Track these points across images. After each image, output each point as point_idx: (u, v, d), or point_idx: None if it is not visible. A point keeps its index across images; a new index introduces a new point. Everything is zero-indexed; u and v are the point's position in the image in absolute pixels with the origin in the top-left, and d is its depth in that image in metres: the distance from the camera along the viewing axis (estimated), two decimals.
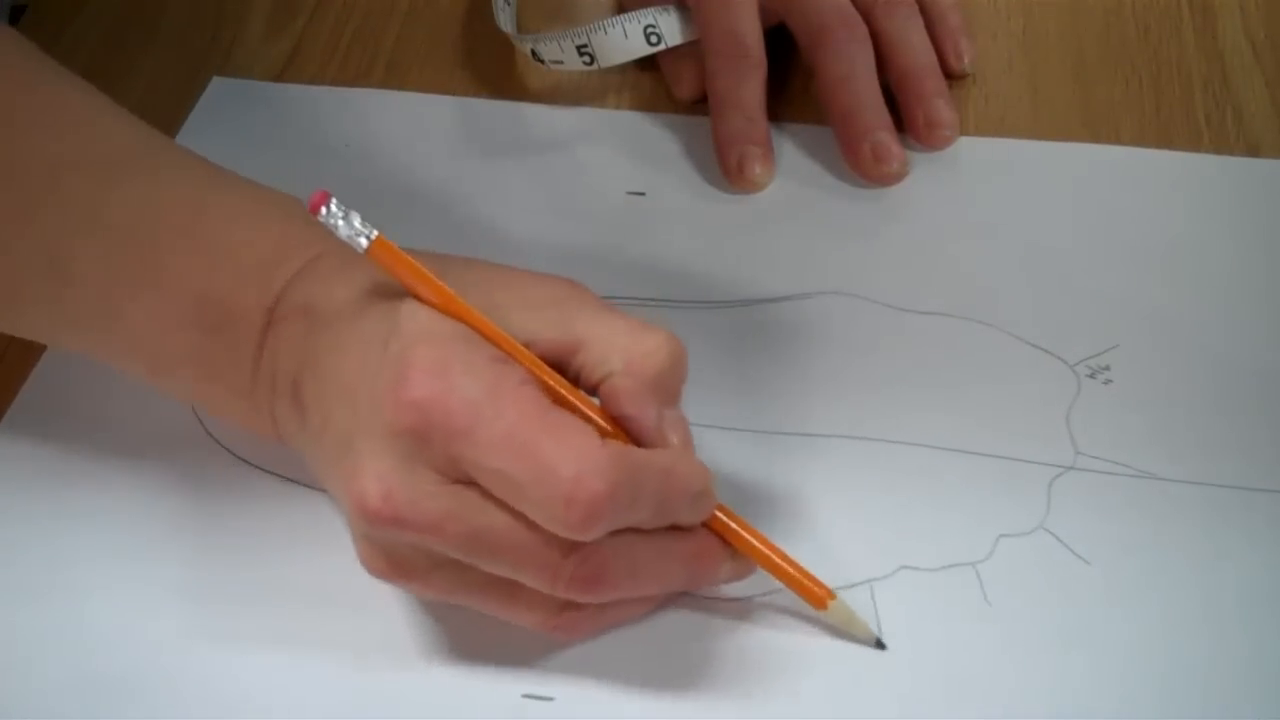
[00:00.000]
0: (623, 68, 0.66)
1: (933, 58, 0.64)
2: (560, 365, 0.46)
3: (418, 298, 0.45)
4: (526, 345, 0.45)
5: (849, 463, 0.53)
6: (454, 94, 0.68)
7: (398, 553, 0.45)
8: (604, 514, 0.42)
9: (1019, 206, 0.61)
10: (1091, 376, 0.55)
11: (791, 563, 0.47)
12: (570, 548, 0.44)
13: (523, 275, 0.48)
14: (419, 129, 0.66)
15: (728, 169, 0.63)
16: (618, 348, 0.45)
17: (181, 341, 0.49)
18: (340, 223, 0.44)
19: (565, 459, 0.42)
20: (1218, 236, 0.60)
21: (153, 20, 0.72)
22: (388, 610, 0.49)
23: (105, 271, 0.49)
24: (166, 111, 0.67)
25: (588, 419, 0.45)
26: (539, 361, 0.45)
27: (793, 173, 0.63)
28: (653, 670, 0.48)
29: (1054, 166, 0.63)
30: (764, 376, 0.56)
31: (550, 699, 0.47)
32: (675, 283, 0.59)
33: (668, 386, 0.46)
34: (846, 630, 0.48)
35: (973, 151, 0.64)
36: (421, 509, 0.43)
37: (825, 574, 0.49)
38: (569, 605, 0.46)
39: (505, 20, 0.68)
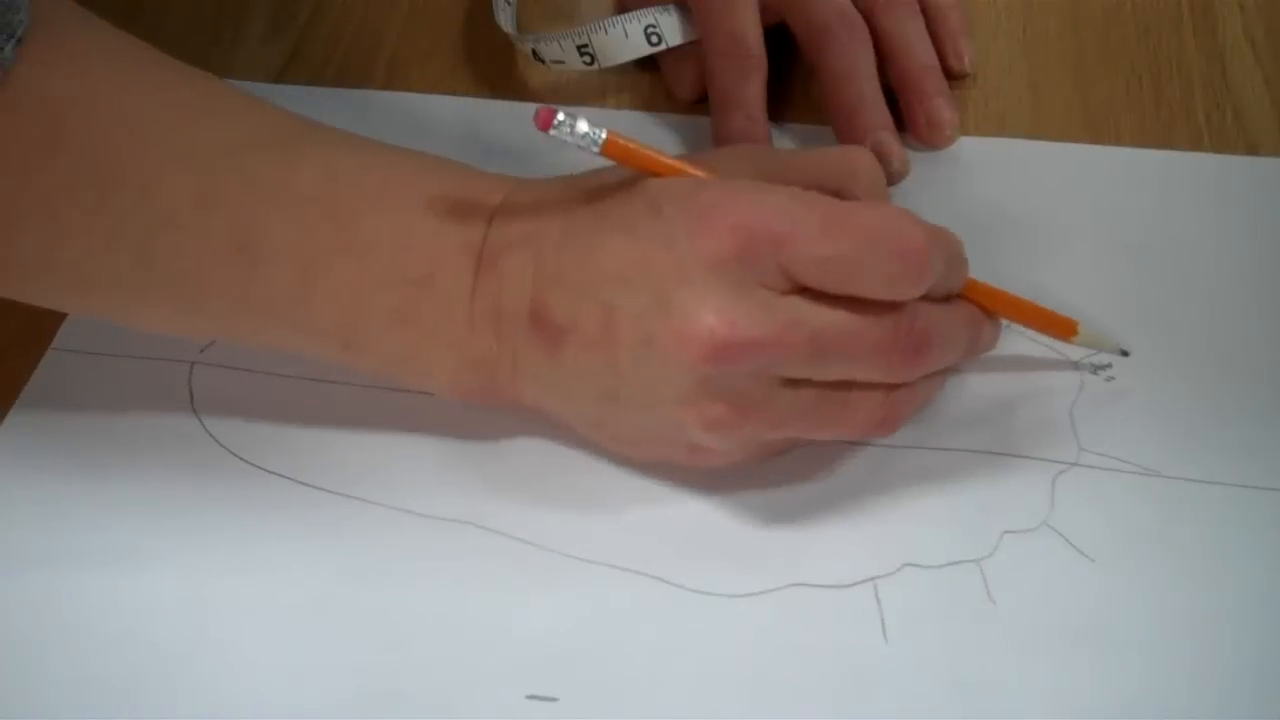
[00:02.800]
0: (623, 67, 0.66)
1: (933, 57, 0.64)
2: None
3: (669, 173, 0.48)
4: None
5: (851, 461, 0.53)
6: (454, 94, 0.68)
7: (736, 390, 0.47)
8: (929, 262, 0.47)
9: (1020, 206, 0.61)
10: (1094, 374, 0.55)
11: (1035, 306, 0.53)
12: (896, 325, 0.47)
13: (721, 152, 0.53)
14: (419, 129, 0.66)
15: None
16: (837, 164, 0.51)
17: (384, 302, 0.49)
18: (573, 129, 0.46)
19: (884, 223, 0.46)
20: (1218, 235, 0.60)
21: (153, 20, 0.72)
22: (390, 610, 0.49)
23: (298, 243, 0.49)
24: None
25: None
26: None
27: None
28: (656, 670, 0.48)
29: (1054, 166, 0.63)
30: None
31: (554, 699, 0.47)
32: None
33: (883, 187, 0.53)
34: (1098, 347, 0.55)
35: (973, 151, 0.64)
36: (766, 326, 0.46)
37: (829, 572, 0.50)
38: (891, 394, 0.49)
39: (505, 20, 0.68)
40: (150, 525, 0.52)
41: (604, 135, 0.47)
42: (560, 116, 0.46)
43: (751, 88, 0.63)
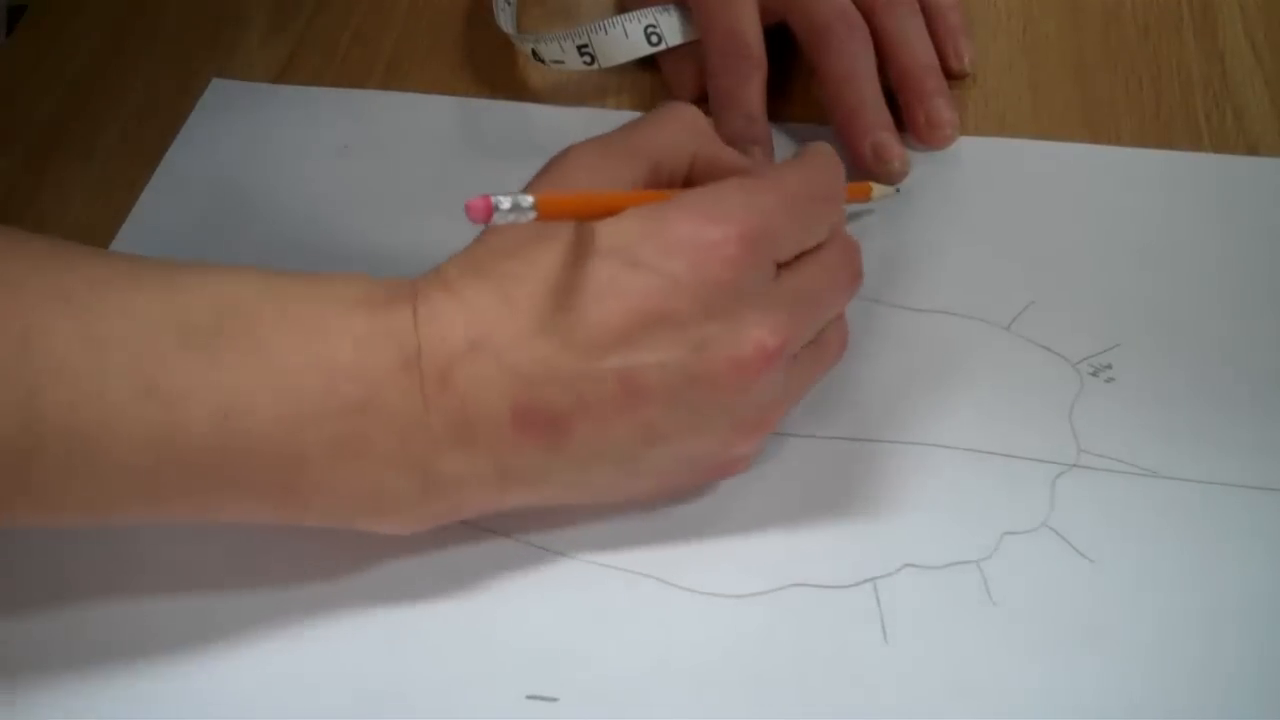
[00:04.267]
0: (623, 67, 0.66)
1: (933, 57, 0.64)
2: None
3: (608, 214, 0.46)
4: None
5: (851, 461, 0.53)
6: (454, 94, 0.68)
7: (764, 399, 0.48)
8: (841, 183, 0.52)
9: (1020, 206, 0.61)
10: (1094, 375, 0.55)
11: None
12: (839, 245, 0.50)
13: (641, 130, 0.51)
14: (419, 129, 0.66)
15: None
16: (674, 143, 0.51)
17: (322, 435, 0.44)
18: (508, 211, 0.42)
19: (813, 179, 0.49)
20: (1218, 235, 0.60)
21: (153, 20, 0.72)
22: (389, 611, 0.49)
23: (211, 382, 0.43)
24: (166, 111, 0.67)
25: None
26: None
27: None
28: (656, 671, 0.48)
29: (1055, 166, 0.63)
30: None
31: (554, 699, 0.47)
32: None
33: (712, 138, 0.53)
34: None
35: (973, 151, 0.64)
36: (793, 316, 0.47)
37: (829, 573, 0.50)
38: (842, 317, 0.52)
39: (505, 20, 0.68)
40: (149, 527, 0.52)
41: (531, 201, 0.42)
42: (503, 205, 0.42)
43: (751, 88, 0.63)
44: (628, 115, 0.66)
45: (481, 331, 0.45)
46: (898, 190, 0.61)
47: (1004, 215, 0.61)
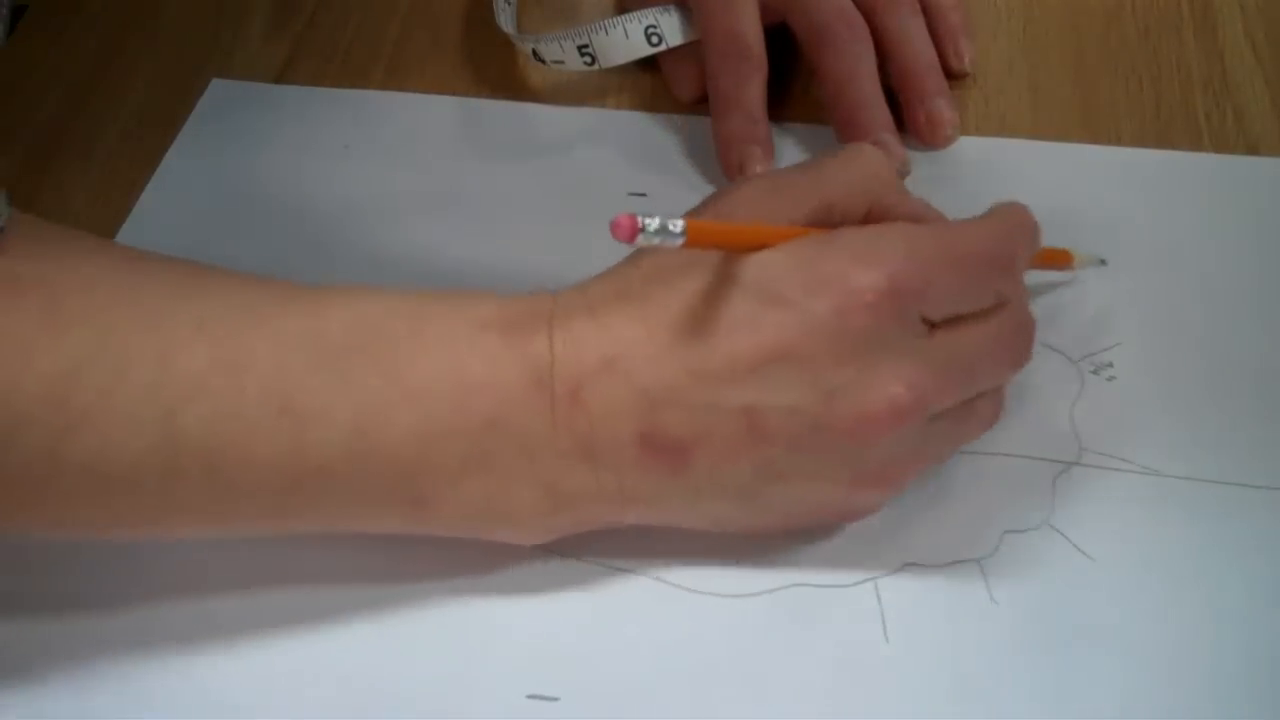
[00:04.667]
0: (623, 67, 0.66)
1: (934, 57, 0.64)
2: None
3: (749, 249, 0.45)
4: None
5: None
6: (455, 94, 0.68)
7: (901, 446, 0.46)
8: (1021, 255, 0.49)
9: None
10: (1095, 373, 0.55)
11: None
12: (1007, 320, 0.48)
13: (830, 165, 0.50)
14: (418, 129, 0.66)
15: (729, 169, 0.63)
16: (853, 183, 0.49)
17: (453, 450, 0.45)
18: (655, 236, 0.41)
19: (987, 241, 0.48)
20: (1218, 234, 0.60)
21: (153, 20, 0.72)
22: (390, 610, 0.49)
23: (346, 399, 0.44)
24: (166, 111, 0.67)
25: None
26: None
27: None
28: (658, 669, 0.48)
29: (1055, 166, 0.63)
30: None
31: (555, 699, 0.47)
32: None
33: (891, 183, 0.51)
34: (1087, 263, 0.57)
35: (974, 151, 0.64)
36: (936, 376, 0.45)
37: (829, 572, 0.50)
38: (1000, 391, 0.50)
39: (505, 20, 0.68)
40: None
41: (682, 226, 0.41)
42: (650, 224, 0.41)
43: (752, 88, 0.63)
44: (628, 115, 0.66)
45: (617, 352, 0.45)
46: (1103, 262, 0.58)
47: None
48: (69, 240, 0.47)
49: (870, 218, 0.48)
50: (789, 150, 0.64)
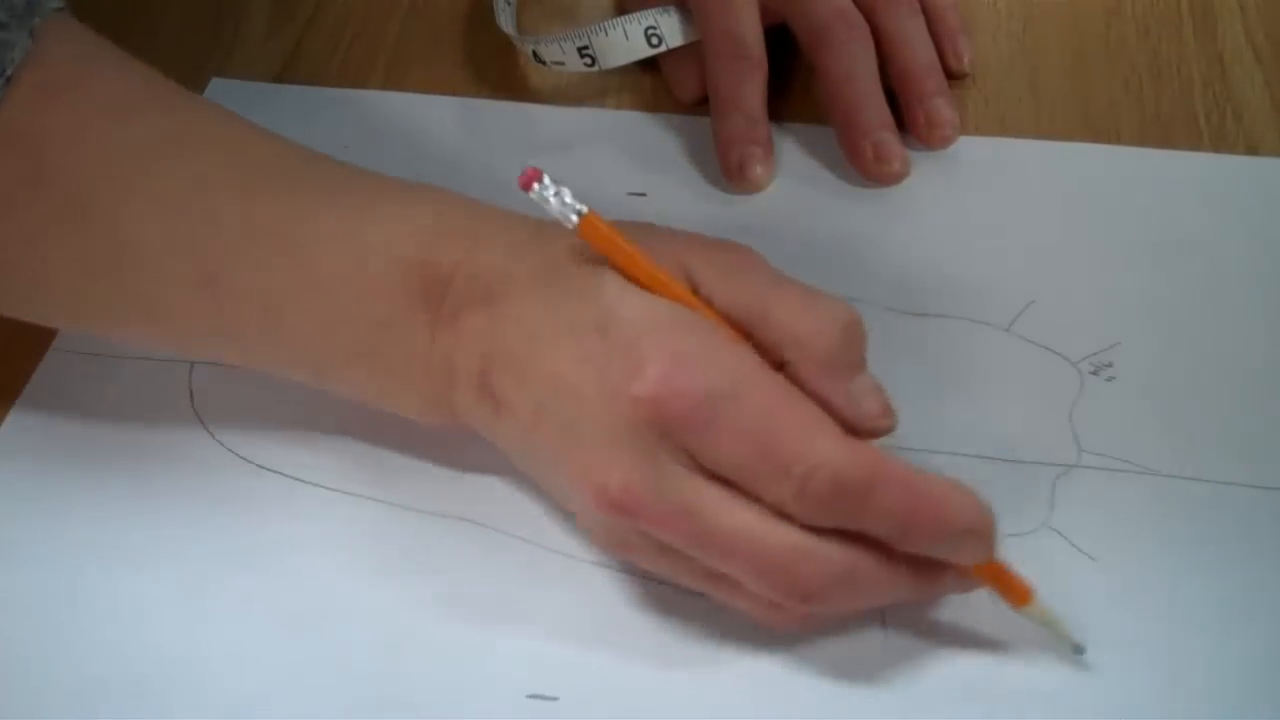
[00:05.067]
0: (624, 68, 0.66)
1: (934, 57, 0.64)
2: (746, 336, 0.46)
3: (626, 274, 0.45)
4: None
5: None
6: (454, 94, 0.68)
7: (628, 539, 0.46)
8: (831, 508, 0.43)
9: (1020, 206, 0.61)
10: (1094, 374, 0.55)
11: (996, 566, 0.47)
12: (791, 558, 0.44)
13: (704, 241, 0.48)
14: (419, 129, 0.66)
15: (729, 170, 0.63)
16: (790, 327, 0.45)
17: (347, 338, 0.49)
18: (552, 199, 0.45)
19: (804, 451, 0.43)
20: (1218, 234, 0.60)
21: (153, 20, 0.72)
22: (390, 611, 0.49)
23: (260, 280, 0.49)
24: None
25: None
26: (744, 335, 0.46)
27: (794, 172, 0.63)
28: (658, 668, 0.48)
29: (1055, 166, 0.63)
30: None
31: (555, 699, 0.47)
32: None
33: (849, 358, 0.46)
34: (1047, 628, 0.47)
35: (974, 151, 0.64)
36: (661, 504, 0.44)
37: None
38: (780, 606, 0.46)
39: (505, 21, 0.68)
40: (150, 525, 0.52)
41: (584, 211, 0.45)
42: (545, 181, 0.45)
43: (752, 89, 0.63)
44: (628, 116, 0.67)
45: (502, 297, 0.47)
46: (1080, 651, 0.47)
47: (1005, 215, 0.61)
48: (78, 79, 0.51)
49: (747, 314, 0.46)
50: (789, 150, 0.64)
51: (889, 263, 0.59)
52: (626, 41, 0.64)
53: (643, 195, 0.63)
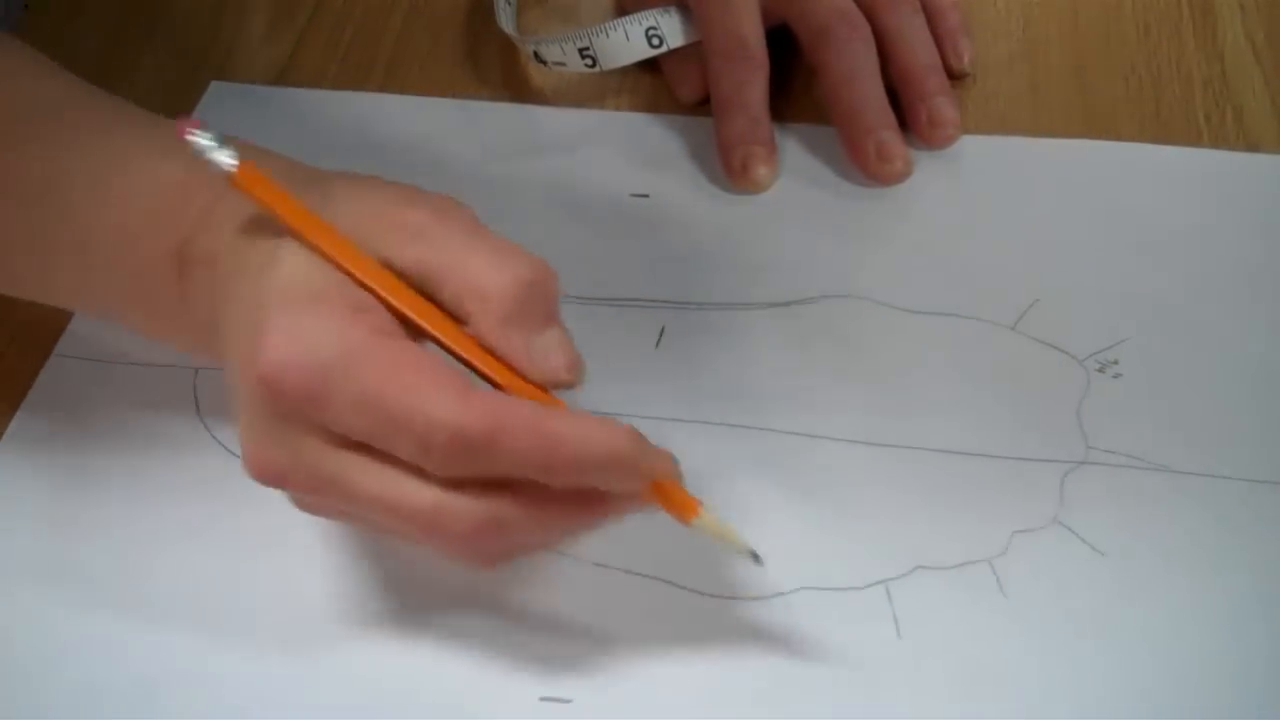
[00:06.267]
0: (624, 69, 0.66)
1: (935, 56, 0.65)
2: (432, 296, 0.45)
3: (289, 229, 0.45)
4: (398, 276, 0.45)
5: (859, 465, 0.53)
6: (454, 94, 0.68)
7: (300, 501, 0.46)
8: (460, 462, 0.42)
9: (1024, 204, 0.61)
10: (1101, 370, 0.55)
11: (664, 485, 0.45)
12: (436, 505, 0.43)
13: (396, 196, 0.47)
14: (422, 132, 0.66)
15: (731, 170, 0.63)
16: (474, 280, 0.45)
17: (114, 289, 0.50)
18: (208, 151, 0.44)
19: (419, 413, 0.42)
20: (1223, 230, 0.60)
21: (153, 20, 0.72)
22: (402, 611, 0.49)
23: (28, 236, 0.51)
24: (166, 111, 0.65)
25: (461, 356, 0.45)
26: (408, 295, 0.45)
27: (796, 173, 0.63)
28: (670, 669, 0.48)
29: (1060, 163, 0.63)
30: (773, 378, 0.56)
31: (568, 701, 0.47)
32: (681, 286, 0.59)
33: (533, 312, 0.45)
34: (720, 541, 0.45)
35: (978, 150, 0.64)
36: (302, 476, 0.44)
37: (839, 575, 0.50)
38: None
39: (506, 21, 0.68)
40: (156, 532, 0.52)
41: (236, 163, 0.45)
42: (196, 133, 0.45)
43: (754, 89, 0.63)
44: (629, 117, 0.66)
45: (220, 247, 0.47)
46: (757, 559, 0.46)
47: (1009, 213, 0.61)
48: None
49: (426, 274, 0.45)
50: (791, 150, 0.64)
51: (894, 263, 0.59)
52: (627, 42, 0.64)
53: (646, 197, 0.63)
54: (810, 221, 0.61)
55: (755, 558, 0.45)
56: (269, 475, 0.45)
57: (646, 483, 0.44)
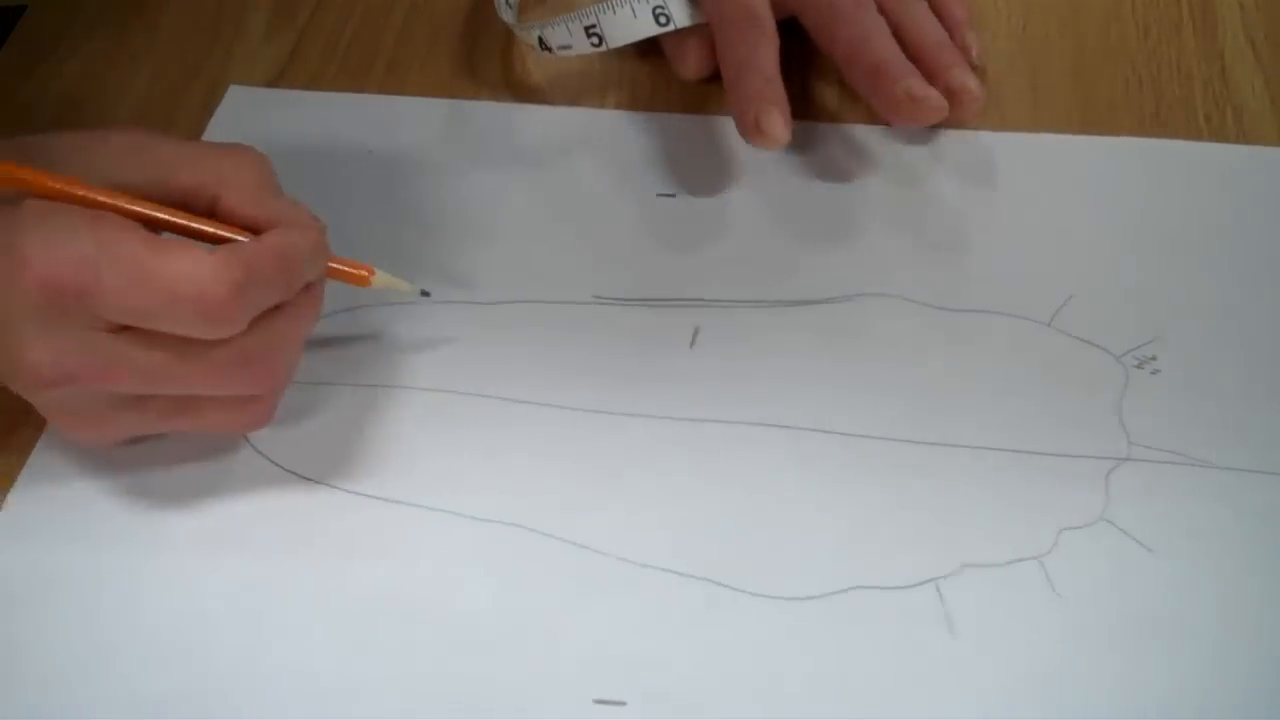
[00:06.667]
0: (623, 66, 0.66)
1: (944, 34, 0.64)
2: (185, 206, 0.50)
3: (27, 189, 0.48)
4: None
5: (900, 463, 0.53)
6: (454, 94, 0.67)
7: (83, 407, 0.50)
8: (235, 311, 0.47)
9: (1056, 201, 0.61)
10: (1139, 367, 0.55)
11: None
12: (223, 353, 0.49)
13: (99, 134, 0.51)
14: (442, 134, 0.65)
15: (747, 126, 0.60)
16: (214, 172, 0.50)
17: None
18: None
19: (187, 276, 0.47)
20: (1255, 225, 0.60)
21: (153, 21, 0.71)
22: (452, 617, 0.49)
23: None
24: (166, 111, 0.66)
25: (202, 234, 0.49)
26: (140, 200, 0.49)
27: (822, 173, 0.63)
28: (722, 673, 0.48)
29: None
30: (809, 378, 0.56)
31: (622, 703, 0.47)
32: (714, 285, 0.59)
33: (267, 187, 0.51)
34: (394, 290, 0.55)
35: (1008, 146, 0.64)
36: (91, 362, 0.48)
37: (888, 574, 0.50)
38: (249, 399, 0.51)
39: (507, 14, 0.67)
40: (201, 540, 0.52)
41: None
42: None
43: (767, 52, 0.62)
44: (627, 115, 0.66)
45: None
46: (425, 293, 0.57)
47: (1040, 210, 0.61)
48: None
49: (219, 210, 0.50)
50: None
51: (926, 261, 0.59)
52: (634, 19, 0.63)
53: (672, 196, 0.62)
54: (842, 220, 0.61)
55: (425, 292, 0.56)
56: (58, 375, 0.48)
57: (322, 271, 0.51)
